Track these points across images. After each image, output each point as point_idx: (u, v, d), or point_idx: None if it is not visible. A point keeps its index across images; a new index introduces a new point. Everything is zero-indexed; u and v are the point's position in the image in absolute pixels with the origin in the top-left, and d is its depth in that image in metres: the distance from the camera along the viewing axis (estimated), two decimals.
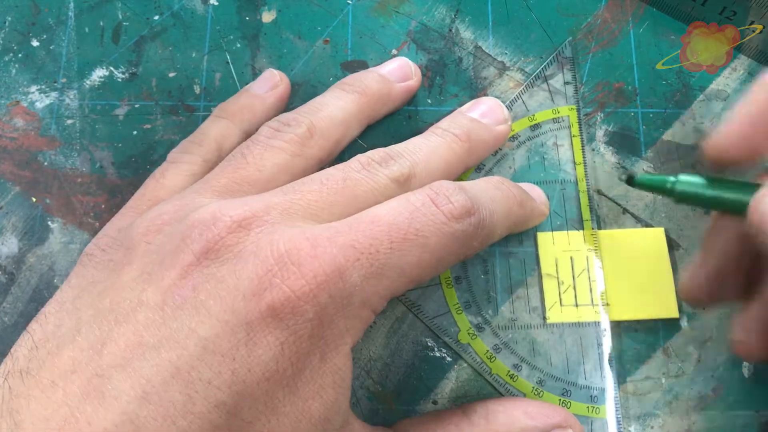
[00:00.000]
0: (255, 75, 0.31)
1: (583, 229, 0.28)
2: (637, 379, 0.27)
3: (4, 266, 0.28)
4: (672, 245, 0.28)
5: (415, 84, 0.30)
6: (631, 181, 0.24)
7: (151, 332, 0.18)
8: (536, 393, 0.26)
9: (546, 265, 0.28)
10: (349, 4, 0.32)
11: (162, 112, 0.31)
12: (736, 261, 0.22)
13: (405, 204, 0.21)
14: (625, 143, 0.30)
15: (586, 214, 0.28)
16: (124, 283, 0.20)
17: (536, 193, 0.28)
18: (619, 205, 0.29)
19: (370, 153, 0.24)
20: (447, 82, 0.31)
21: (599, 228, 0.28)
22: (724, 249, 0.22)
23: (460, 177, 0.29)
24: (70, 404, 0.18)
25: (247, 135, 0.28)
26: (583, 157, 0.29)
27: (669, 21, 0.32)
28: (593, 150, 0.30)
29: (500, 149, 0.29)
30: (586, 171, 0.29)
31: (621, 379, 0.27)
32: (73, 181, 0.30)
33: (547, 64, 0.31)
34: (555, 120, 0.30)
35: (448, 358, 0.27)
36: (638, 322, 0.27)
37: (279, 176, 0.24)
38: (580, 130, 0.29)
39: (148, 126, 0.30)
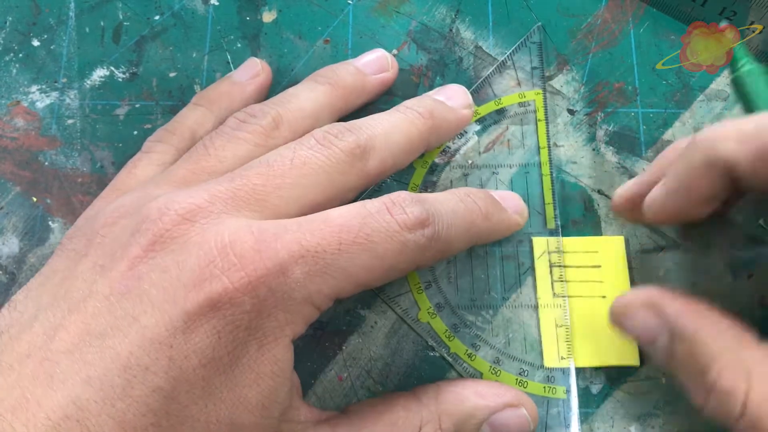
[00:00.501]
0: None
1: (545, 213, 0.28)
2: (637, 379, 0.27)
3: (5, 266, 0.28)
4: (672, 245, 0.28)
5: (391, 76, 0.30)
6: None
7: (98, 320, 0.19)
8: (493, 372, 0.26)
9: (507, 247, 0.28)
10: (349, 4, 0.33)
11: (162, 112, 0.31)
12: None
13: (359, 208, 0.22)
14: (625, 143, 0.30)
15: (548, 198, 0.29)
16: (79, 273, 0.21)
17: (512, 202, 0.27)
18: None
19: (327, 127, 0.24)
20: (447, 82, 0.31)
21: (598, 228, 0.29)
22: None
23: (426, 160, 0.29)
24: (22, 386, 0.19)
25: None
26: (548, 141, 0.29)
27: (669, 21, 0.32)
28: (593, 150, 0.30)
29: (465, 132, 0.30)
30: (550, 155, 0.29)
31: (621, 378, 0.27)
32: (74, 181, 0.30)
33: (515, 49, 0.31)
34: (521, 104, 0.30)
35: (448, 359, 0.27)
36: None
37: (237, 160, 0.24)
38: (546, 114, 0.30)
39: (149, 126, 0.30)
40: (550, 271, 0.28)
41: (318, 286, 0.21)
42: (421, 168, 0.29)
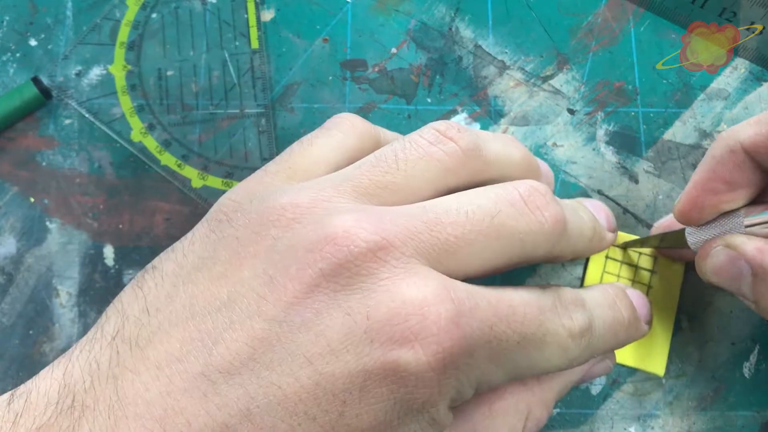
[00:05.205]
0: (253, 73, 0.31)
1: None
2: (637, 380, 0.27)
3: (2, 267, 0.28)
4: None
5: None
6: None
7: (265, 348, 0.18)
8: (201, 177, 0.29)
9: None
10: (348, 2, 0.32)
11: (160, 111, 0.31)
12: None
13: (537, 301, 0.20)
14: (625, 143, 0.30)
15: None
16: (245, 278, 0.19)
17: (644, 310, 0.25)
18: (619, 205, 0.29)
19: (535, 185, 0.21)
20: (447, 81, 0.31)
21: None
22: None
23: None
24: (173, 397, 0.17)
25: None
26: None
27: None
28: (594, 149, 0.30)
29: None
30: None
31: (621, 379, 0.27)
32: (72, 181, 0.30)
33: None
34: None
35: None
36: None
37: (425, 190, 0.22)
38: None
39: (147, 124, 0.30)
40: (605, 263, 0.28)
41: (489, 375, 0.19)
42: None
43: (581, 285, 0.28)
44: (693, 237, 0.24)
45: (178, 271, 0.20)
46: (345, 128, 0.24)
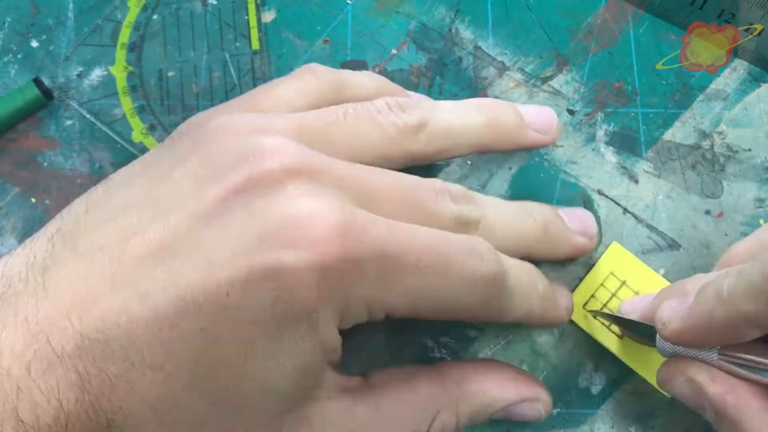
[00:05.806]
0: (254, 74, 0.31)
1: None
2: (637, 380, 0.27)
3: None
4: (672, 245, 0.28)
5: (549, 141, 0.27)
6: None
7: (174, 239, 0.19)
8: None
9: None
10: (348, 3, 0.32)
11: (161, 112, 0.31)
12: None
13: (446, 236, 0.21)
14: (625, 143, 0.30)
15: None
16: (175, 180, 0.21)
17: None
18: (619, 205, 0.29)
19: (449, 185, 0.23)
20: (447, 82, 0.31)
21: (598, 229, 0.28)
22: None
23: None
24: (88, 279, 0.19)
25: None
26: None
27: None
28: (593, 150, 0.30)
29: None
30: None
31: (621, 379, 0.27)
32: (73, 182, 0.30)
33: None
34: None
35: (448, 359, 0.27)
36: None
37: (363, 150, 0.23)
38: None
39: (148, 125, 0.30)
40: (603, 280, 0.27)
41: (382, 293, 0.20)
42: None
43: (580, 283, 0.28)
44: (664, 347, 0.23)
45: (123, 178, 0.22)
46: (308, 76, 0.25)
